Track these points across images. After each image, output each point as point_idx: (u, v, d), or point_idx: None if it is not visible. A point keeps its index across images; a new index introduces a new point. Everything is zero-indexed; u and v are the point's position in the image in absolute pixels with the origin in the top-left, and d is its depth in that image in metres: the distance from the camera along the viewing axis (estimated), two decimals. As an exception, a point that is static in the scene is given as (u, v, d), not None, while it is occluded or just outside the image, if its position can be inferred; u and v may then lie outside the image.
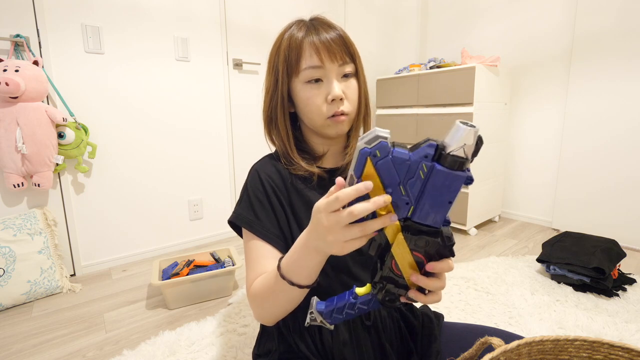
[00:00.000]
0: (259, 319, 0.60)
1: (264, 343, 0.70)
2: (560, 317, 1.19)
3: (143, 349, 1.07)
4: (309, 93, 0.60)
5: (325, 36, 0.58)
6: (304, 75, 0.59)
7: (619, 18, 1.77)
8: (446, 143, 0.37)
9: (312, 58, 0.58)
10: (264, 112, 0.67)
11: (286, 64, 0.60)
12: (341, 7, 2.38)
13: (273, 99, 0.64)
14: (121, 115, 1.67)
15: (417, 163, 0.38)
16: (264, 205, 0.62)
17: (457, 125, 0.36)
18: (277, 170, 0.65)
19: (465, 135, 0.36)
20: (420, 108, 2.18)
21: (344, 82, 0.61)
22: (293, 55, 0.59)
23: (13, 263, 1.33)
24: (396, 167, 0.39)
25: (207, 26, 1.88)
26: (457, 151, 0.37)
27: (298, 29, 0.60)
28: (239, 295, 1.39)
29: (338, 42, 0.59)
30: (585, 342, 0.46)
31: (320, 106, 0.60)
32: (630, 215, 1.81)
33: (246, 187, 0.65)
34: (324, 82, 0.60)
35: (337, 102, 0.60)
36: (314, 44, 0.58)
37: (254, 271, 0.60)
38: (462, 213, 2.04)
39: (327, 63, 0.58)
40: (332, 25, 0.61)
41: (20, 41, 1.37)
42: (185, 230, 1.95)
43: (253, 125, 2.11)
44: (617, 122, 1.82)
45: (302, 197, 0.63)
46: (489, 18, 2.34)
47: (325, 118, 0.61)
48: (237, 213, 0.64)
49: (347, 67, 0.61)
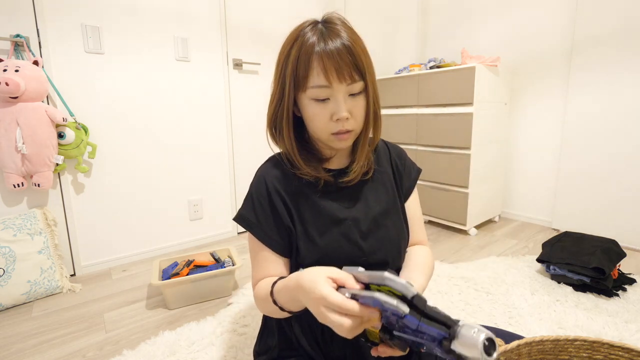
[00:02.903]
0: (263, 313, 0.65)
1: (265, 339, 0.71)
2: (560, 317, 1.19)
3: (143, 349, 1.07)
4: (315, 110, 0.59)
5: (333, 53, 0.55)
6: (311, 93, 0.58)
7: (619, 18, 1.77)
8: (457, 343, 0.36)
9: (320, 77, 0.56)
10: (269, 118, 0.65)
11: (294, 78, 0.58)
12: (341, 7, 2.37)
13: (278, 109, 0.62)
14: (121, 116, 1.67)
15: (422, 335, 0.39)
16: (266, 211, 0.64)
17: (477, 342, 0.34)
18: (284, 173, 0.65)
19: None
20: (420, 108, 2.18)
21: (351, 101, 0.59)
22: (301, 70, 0.57)
23: (13, 263, 1.33)
24: (399, 324, 0.40)
25: (207, 26, 1.88)
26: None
27: (310, 35, 0.57)
28: (239, 295, 1.39)
29: (347, 58, 0.56)
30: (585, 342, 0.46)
31: (326, 123, 0.59)
32: (630, 215, 1.81)
33: (251, 191, 0.66)
34: (330, 100, 0.58)
35: (343, 121, 0.58)
36: (322, 60, 0.55)
37: (257, 272, 0.65)
38: (462, 213, 2.04)
39: (335, 83, 0.56)
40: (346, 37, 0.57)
41: (20, 41, 1.37)
42: (185, 230, 1.95)
43: (253, 125, 2.11)
44: (617, 122, 1.82)
45: (308, 200, 0.64)
46: (489, 18, 2.34)
47: (329, 134, 0.60)
48: (240, 214, 0.66)
49: (356, 86, 0.58)
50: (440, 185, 2.15)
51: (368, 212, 0.66)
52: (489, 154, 2.10)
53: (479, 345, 0.34)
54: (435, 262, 1.66)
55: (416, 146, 2.24)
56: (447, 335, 0.37)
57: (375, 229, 0.65)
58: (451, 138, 2.02)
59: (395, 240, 0.67)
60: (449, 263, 1.67)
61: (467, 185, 1.99)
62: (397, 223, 0.69)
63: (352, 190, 0.67)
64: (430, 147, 2.17)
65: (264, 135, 0.69)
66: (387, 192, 0.70)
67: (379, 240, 0.65)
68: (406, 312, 0.38)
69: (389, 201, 0.69)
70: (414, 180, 0.75)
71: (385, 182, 0.70)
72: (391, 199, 0.69)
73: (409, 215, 0.73)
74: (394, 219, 0.68)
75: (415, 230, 0.73)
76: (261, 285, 0.62)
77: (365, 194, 0.67)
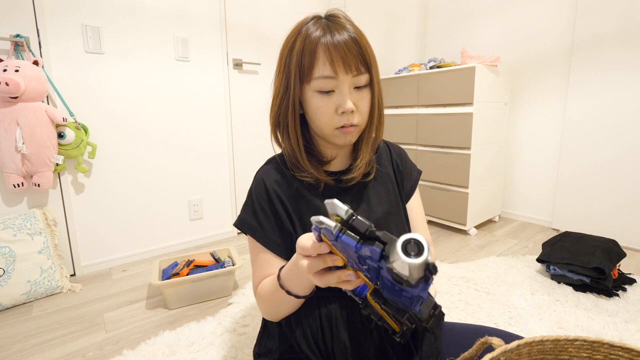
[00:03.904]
0: (266, 316, 0.65)
1: (265, 342, 0.71)
2: (560, 317, 1.19)
3: (143, 349, 1.07)
4: (320, 102, 0.57)
5: (340, 44, 0.54)
6: (316, 85, 0.56)
7: (619, 18, 1.77)
8: (391, 259, 0.32)
9: (326, 68, 0.55)
10: (272, 115, 0.63)
11: (298, 69, 0.57)
12: (341, 7, 2.36)
13: (283, 103, 0.60)
14: (121, 115, 1.67)
15: (363, 259, 0.36)
16: (267, 214, 0.63)
17: (402, 258, 0.30)
18: (284, 176, 0.65)
19: (409, 270, 0.30)
20: (420, 108, 2.18)
21: (356, 94, 0.58)
22: (306, 60, 0.56)
23: (13, 263, 1.33)
24: (347, 250, 0.38)
25: (207, 26, 1.88)
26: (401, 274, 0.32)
27: (314, 28, 0.56)
28: (239, 295, 1.39)
29: (354, 49, 0.55)
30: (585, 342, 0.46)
31: (330, 117, 0.58)
32: (631, 215, 1.81)
33: (251, 194, 0.66)
34: (335, 92, 0.57)
35: (348, 114, 0.57)
36: (328, 50, 0.54)
37: (258, 275, 0.65)
38: (462, 213, 2.04)
39: (341, 74, 0.55)
40: (351, 30, 0.57)
41: (20, 41, 1.37)
42: (185, 230, 1.95)
43: (253, 124, 2.11)
44: (617, 122, 1.82)
45: (309, 203, 0.63)
46: (489, 18, 2.34)
47: (333, 128, 0.59)
48: (241, 219, 0.66)
49: (362, 78, 0.57)
50: (440, 185, 2.15)
51: (371, 214, 0.65)
52: (489, 154, 2.10)
53: (399, 250, 0.30)
54: (436, 263, 1.66)
55: (416, 146, 2.24)
56: (382, 252, 0.33)
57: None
58: (451, 138, 2.02)
59: None
60: (449, 263, 1.67)
61: (467, 185, 1.99)
62: (400, 224, 0.68)
63: (354, 192, 0.66)
64: (430, 147, 2.17)
65: (264, 135, 0.69)
66: (389, 193, 0.69)
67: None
68: (331, 227, 0.36)
69: (391, 202, 0.68)
70: (415, 180, 0.75)
71: (387, 183, 0.70)
72: (393, 200, 0.69)
73: (412, 216, 0.73)
74: (397, 220, 0.68)
75: (419, 232, 0.73)
76: (264, 284, 0.62)
77: (368, 195, 0.67)
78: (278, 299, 0.58)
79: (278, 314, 0.62)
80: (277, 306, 0.60)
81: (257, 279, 0.64)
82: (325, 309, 0.61)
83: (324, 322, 0.61)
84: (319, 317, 0.61)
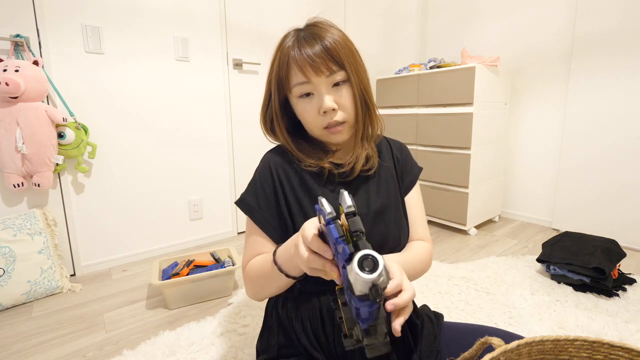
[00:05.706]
0: (250, 295, 0.67)
1: (266, 338, 0.71)
2: (560, 317, 1.19)
3: (143, 349, 1.07)
4: (304, 106, 0.62)
5: (306, 51, 0.58)
6: (296, 91, 0.61)
7: (619, 18, 1.77)
8: (352, 265, 0.34)
9: (297, 75, 0.60)
10: (261, 120, 0.70)
11: (277, 80, 0.63)
12: (341, 7, 2.37)
13: (268, 111, 0.68)
14: (121, 115, 1.67)
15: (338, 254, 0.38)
16: (268, 196, 0.66)
17: (354, 268, 0.33)
18: (289, 162, 0.67)
19: (354, 281, 0.33)
20: (420, 108, 2.18)
21: (336, 92, 0.61)
22: (282, 72, 0.62)
23: (13, 263, 1.33)
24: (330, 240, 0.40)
25: (207, 26, 1.88)
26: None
27: (289, 41, 0.61)
28: (239, 295, 1.39)
29: (321, 54, 0.58)
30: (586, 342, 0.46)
31: (315, 118, 0.62)
32: (630, 215, 1.81)
33: (255, 176, 0.68)
34: (314, 94, 0.61)
35: (330, 113, 0.61)
36: (296, 59, 0.59)
37: (248, 254, 0.66)
38: (462, 213, 2.04)
39: (313, 77, 0.59)
40: (321, 35, 0.59)
41: (20, 41, 1.37)
42: (185, 230, 1.95)
43: (253, 124, 2.11)
44: (617, 122, 1.82)
45: (310, 191, 0.65)
46: (489, 18, 2.34)
47: (321, 129, 0.63)
48: (242, 198, 0.68)
49: (337, 76, 0.60)
50: (440, 185, 2.15)
51: (369, 206, 0.66)
52: (489, 154, 2.10)
53: (355, 259, 0.32)
54: (435, 262, 1.66)
55: (416, 146, 2.24)
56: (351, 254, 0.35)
57: (376, 223, 0.66)
58: (451, 138, 2.02)
59: (396, 234, 0.67)
60: (449, 263, 1.67)
61: (467, 185, 1.99)
62: (398, 217, 0.69)
63: (355, 184, 0.68)
64: (430, 147, 2.17)
65: (264, 135, 0.70)
66: (389, 186, 0.70)
67: (379, 234, 0.65)
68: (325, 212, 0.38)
69: (390, 196, 0.69)
70: (415, 175, 0.75)
71: (388, 177, 0.71)
72: (392, 194, 0.70)
73: (411, 212, 0.73)
74: (395, 213, 0.69)
75: (417, 228, 0.73)
76: (255, 261, 0.64)
77: (368, 188, 0.68)
78: (267, 277, 0.59)
79: (263, 293, 0.64)
80: (263, 284, 0.61)
81: (248, 257, 0.66)
82: (324, 303, 0.62)
83: (324, 315, 0.62)
84: (319, 311, 0.62)
